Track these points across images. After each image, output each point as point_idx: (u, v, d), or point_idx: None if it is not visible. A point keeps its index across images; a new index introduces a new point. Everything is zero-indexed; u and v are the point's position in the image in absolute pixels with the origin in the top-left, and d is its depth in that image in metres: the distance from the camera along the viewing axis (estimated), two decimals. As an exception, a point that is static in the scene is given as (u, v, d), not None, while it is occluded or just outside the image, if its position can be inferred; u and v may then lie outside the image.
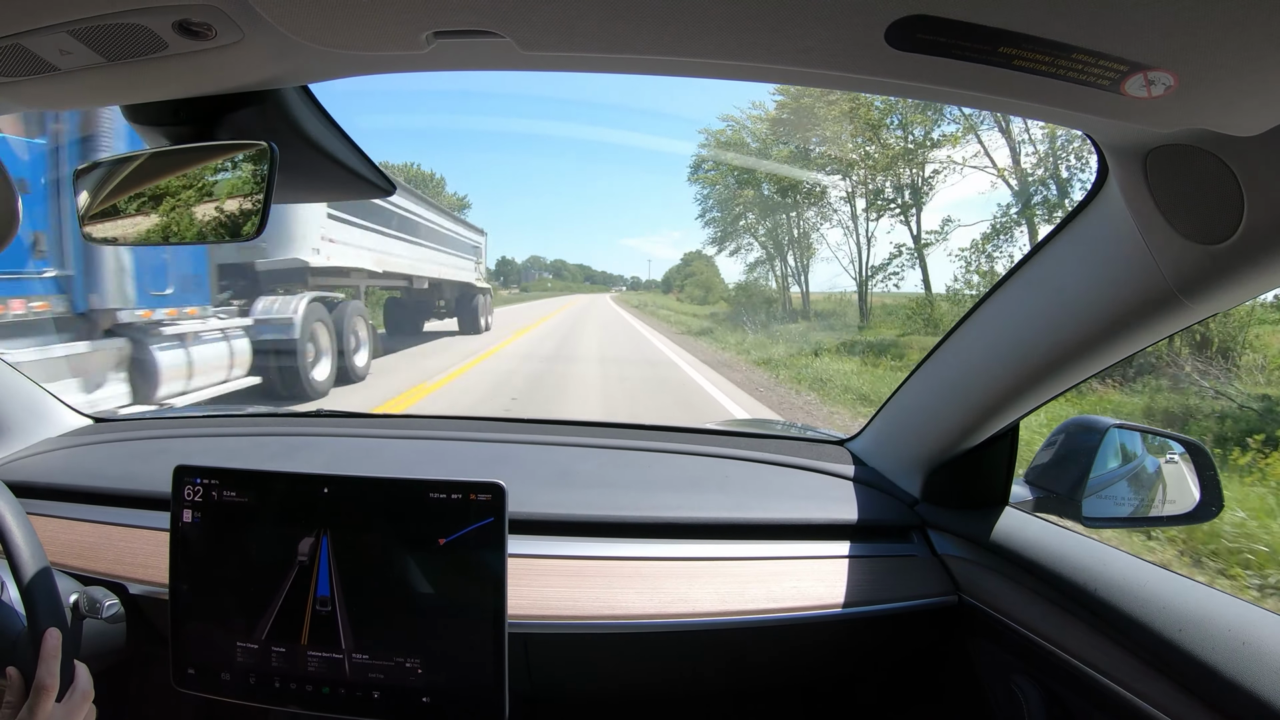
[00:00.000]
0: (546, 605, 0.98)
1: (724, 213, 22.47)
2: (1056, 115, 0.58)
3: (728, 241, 22.75)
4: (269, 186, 0.65)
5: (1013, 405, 0.95)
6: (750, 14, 0.46)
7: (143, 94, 0.67)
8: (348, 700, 0.88)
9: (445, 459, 1.36)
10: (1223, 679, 0.69)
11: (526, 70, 0.59)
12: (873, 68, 0.50)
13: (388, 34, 0.52)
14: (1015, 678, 0.95)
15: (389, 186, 0.84)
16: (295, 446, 1.40)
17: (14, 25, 0.53)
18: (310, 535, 0.89)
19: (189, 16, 0.52)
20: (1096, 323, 0.76)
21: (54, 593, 0.84)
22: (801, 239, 19.57)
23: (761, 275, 21.96)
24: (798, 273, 20.14)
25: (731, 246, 22.64)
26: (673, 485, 1.23)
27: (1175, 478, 1.10)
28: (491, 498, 0.87)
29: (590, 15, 0.48)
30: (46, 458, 1.35)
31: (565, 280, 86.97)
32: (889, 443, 1.26)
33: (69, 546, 1.09)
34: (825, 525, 1.14)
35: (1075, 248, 0.78)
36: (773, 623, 0.99)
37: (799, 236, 19.68)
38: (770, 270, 21.60)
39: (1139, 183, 0.64)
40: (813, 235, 19.08)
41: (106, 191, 0.72)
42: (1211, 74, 0.45)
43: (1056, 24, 0.43)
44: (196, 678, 0.91)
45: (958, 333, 1.02)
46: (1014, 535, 1.03)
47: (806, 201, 18.27)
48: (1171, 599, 0.79)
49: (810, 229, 19.14)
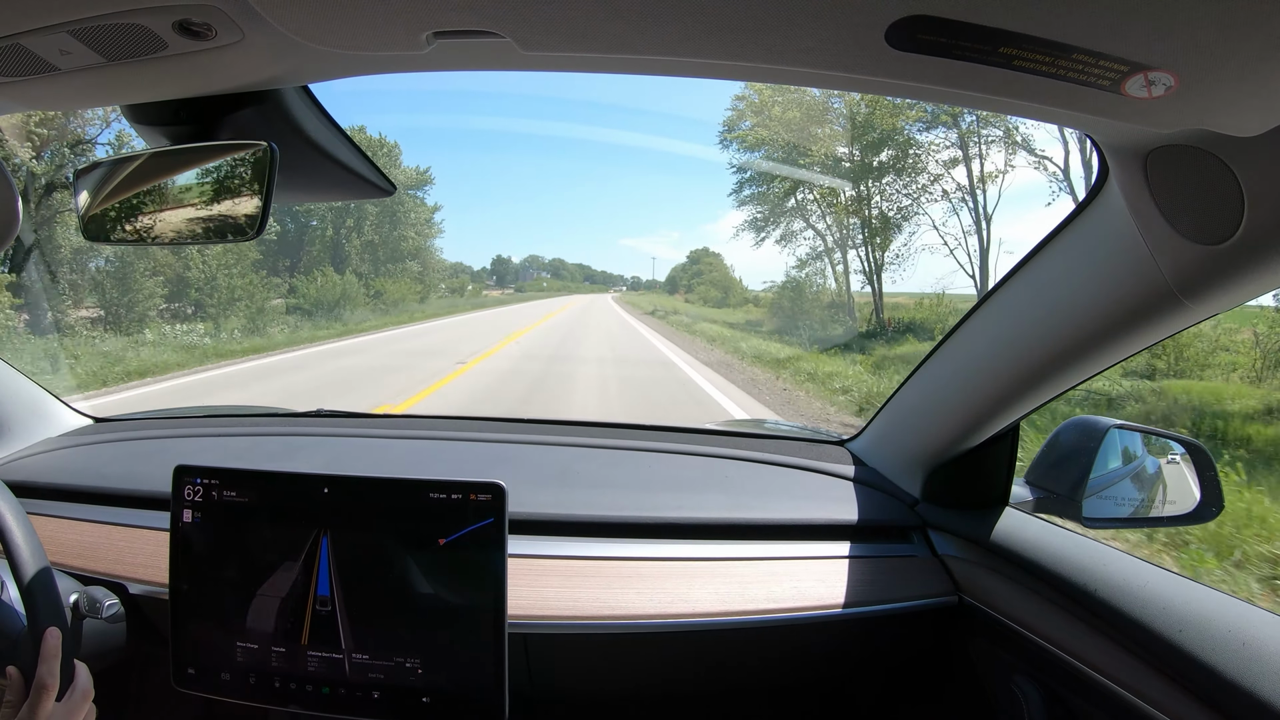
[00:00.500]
0: (546, 605, 0.98)
1: (768, 187, 17.41)
2: (1057, 115, 0.58)
3: (771, 226, 17.57)
4: (269, 186, 0.65)
5: (1013, 405, 0.95)
6: (750, 14, 0.46)
7: (143, 94, 0.67)
8: (348, 700, 0.88)
9: (445, 459, 1.36)
10: (1223, 679, 0.69)
11: (527, 70, 0.59)
12: (873, 68, 0.50)
13: (388, 34, 0.52)
14: (1015, 678, 0.95)
15: (389, 187, 0.84)
16: (295, 446, 1.40)
17: (14, 25, 0.53)
18: (310, 535, 0.89)
19: (189, 16, 0.52)
20: (1096, 323, 0.76)
21: (54, 592, 0.85)
22: (886, 221, 14.49)
23: (818, 270, 16.95)
24: (873, 269, 15.33)
25: (779, 232, 17.49)
26: (673, 485, 1.23)
27: (1175, 478, 1.10)
28: (491, 498, 0.87)
29: (591, 15, 0.48)
30: (47, 457, 1.35)
31: (564, 280, 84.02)
32: (889, 443, 1.26)
33: (69, 546, 1.09)
34: (825, 525, 1.14)
35: (1076, 248, 0.78)
36: (773, 623, 0.99)
37: (883, 216, 14.50)
38: (831, 264, 16.62)
39: (1139, 183, 0.64)
40: (903, 215, 14.26)
41: (107, 192, 0.72)
42: (1212, 74, 0.45)
43: (1057, 24, 0.43)
44: (196, 677, 0.91)
45: (958, 333, 1.02)
46: (1014, 535, 1.03)
47: (899, 166, 13.87)
48: (1172, 599, 0.79)
49: (902, 203, 14.42)
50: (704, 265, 35.40)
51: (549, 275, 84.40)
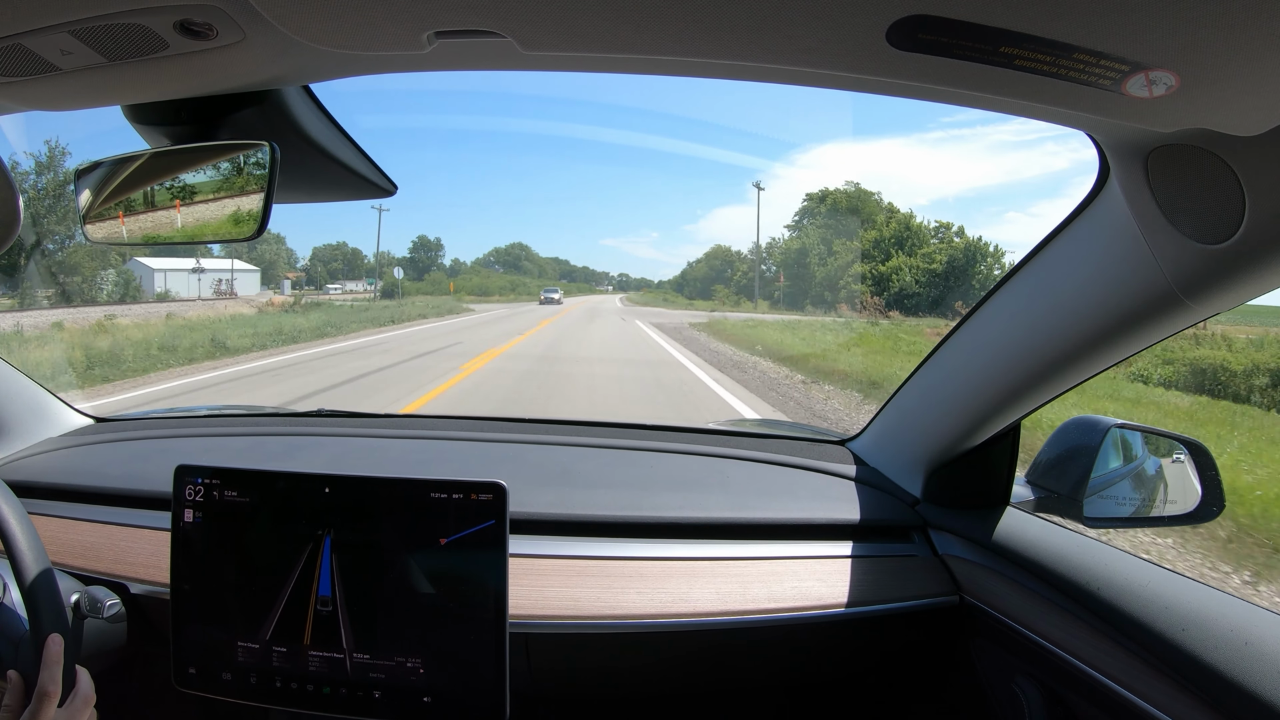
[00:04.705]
0: (547, 605, 0.98)
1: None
2: (1058, 115, 0.58)
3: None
4: (270, 186, 0.65)
5: (1014, 405, 0.95)
6: (751, 14, 0.46)
7: (144, 94, 0.67)
8: (349, 700, 0.88)
9: (446, 459, 1.37)
10: (1225, 679, 0.69)
11: (527, 70, 0.59)
12: (874, 68, 0.51)
13: (389, 34, 0.52)
14: (1016, 678, 0.95)
15: (390, 186, 0.84)
16: (296, 446, 1.40)
17: (15, 25, 0.53)
18: (312, 535, 0.89)
19: (190, 16, 0.52)
20: (1097, 323, 0.76)
21: (56, 596, 0.84)
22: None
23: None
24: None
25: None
26: (674, 485, 1.23)
27: (1176, 477, 1.10)
28: (493, 498, 0.87)
29: (591, 15, 0.48)
30: (48, 457, 1.35)
31: (526, 276, 54.84)
32: (890, 442, 1.26)
33: (70, 546, 1.09)
34: (826, 525, 1.14)
35: (1076, 247, 0.78)
36: (774, 623, 0.99)
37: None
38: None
39: (1140, 183, 0.64)
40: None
41: (108, 191, 0.72)
42: (1213, 74, 0.45)
43: (1058, 24, 0.43)
44: (197, 677, 0.91)
45: (959, 333, 1.02)
46: (1015, 535, 1.03)
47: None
48: (1174, 599, 0.79)
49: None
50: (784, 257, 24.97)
51: (500, 269, 56.88)
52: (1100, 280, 0.74)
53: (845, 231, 30.87)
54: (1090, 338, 0.78)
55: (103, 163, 0.73)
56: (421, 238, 54.44)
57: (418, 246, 54.02)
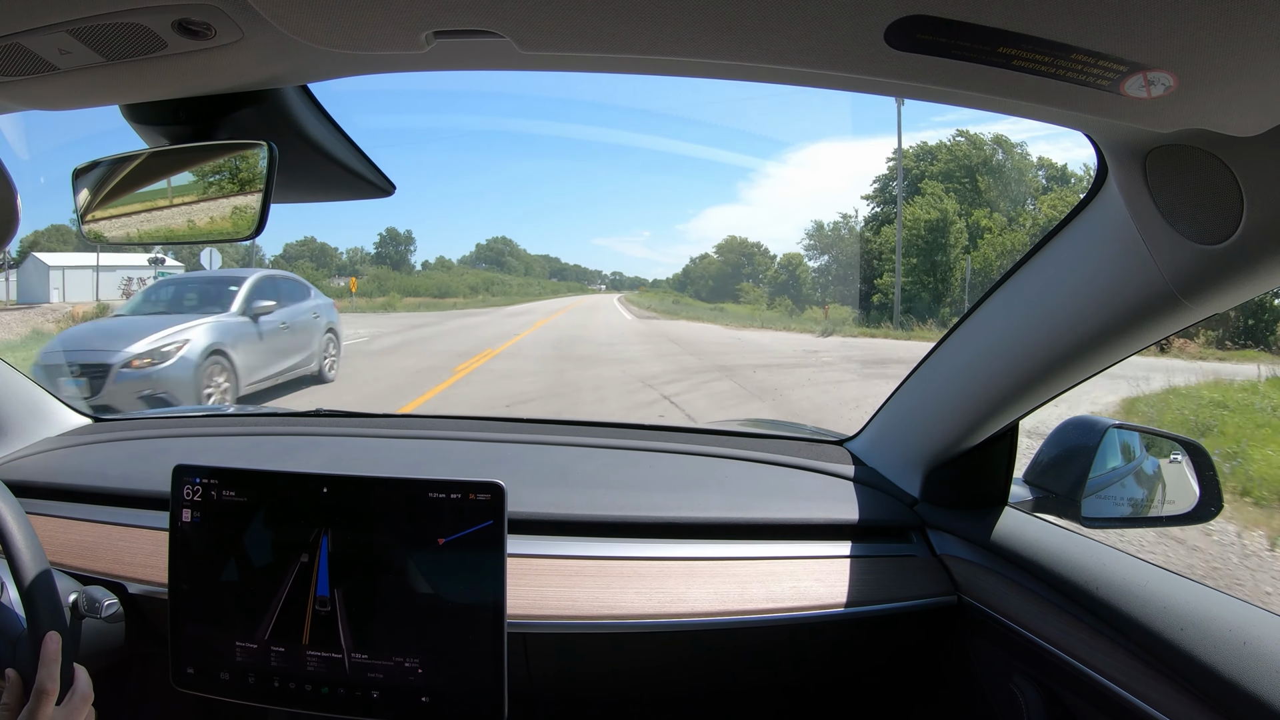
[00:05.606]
0: (546, 605, 0.98)
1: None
2: (1056, 115, 0.58)
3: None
4: (269, 186, 0.65)
5: (1012, 405, 0.95)
6: (750, 14, 0.46)
7: (143, 94, 0.67)
8: (347, 700, 0.88)
9: (444, 459, 1.36)
10: (1224, 679, 0.69)
11: (526, 70, 0.59)
12: (872, 68, 0.51)
13: (388, 34, 0.52)
14: (1014, 678, 0.95)
15: (389, 186, 0.84)
16: (294, 446, 1.40)
17: (14, 25, 0.53)
18: (310, 535, 0.89)
19: (188, 16, 0.52)
20: (1096, 323, 0.76)
21: (54, 595, 0.84)
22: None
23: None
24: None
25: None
26: (672, 485, 1.23)
27: (1175, 478, 1.10)
28: (491, 498, 0.87)
29: (590, 15, 0.48)
30: (46, 457, 1.35)
31: (513, 274, 46.73)
32: (888, 442, 1.26)
33: (68, 546, 1.08)
34: (825, 525, 1.14)
35: (1075, 248, 0.78)
36: (772, 623, 0.99)
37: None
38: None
39: (1138, 183, 0.64)
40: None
41: (106, 191, 0.72)
42: (1211, 74, 0.45)
43: (1056, 24, 0.43)
44: (196, 677, 0.91)
45: (958, 332, 1.02)
46: (1013, 535, 1.03)
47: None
48: (1172, 599, 0.79)
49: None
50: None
51: (485, 266, 47.11)
52: (1098, 280, 0.74)
53: (1005, 195, 20.19)
54: (1088, 337, 0.78)
55: (101, 162, 0.73)
56: (390, 230, 47.54)
57: (385, 240, 47.71)
